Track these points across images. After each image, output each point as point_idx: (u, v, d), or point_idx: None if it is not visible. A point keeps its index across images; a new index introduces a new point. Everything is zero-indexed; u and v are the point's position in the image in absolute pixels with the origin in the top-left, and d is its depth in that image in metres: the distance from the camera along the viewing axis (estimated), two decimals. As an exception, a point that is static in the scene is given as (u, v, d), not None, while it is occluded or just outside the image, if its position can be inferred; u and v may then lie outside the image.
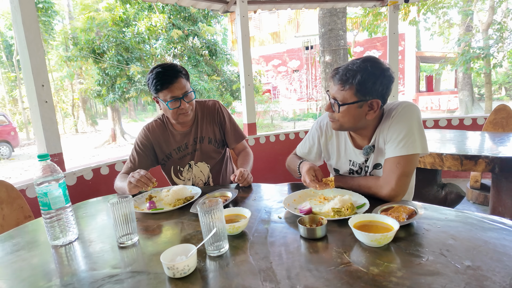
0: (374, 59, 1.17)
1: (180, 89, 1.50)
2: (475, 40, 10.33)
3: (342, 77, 1.16)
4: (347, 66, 1.17)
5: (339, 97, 1.19)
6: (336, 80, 1.19)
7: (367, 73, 1.13)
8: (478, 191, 3.35)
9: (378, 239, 0.84)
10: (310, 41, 17.46)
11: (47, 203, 1.04)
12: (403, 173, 1.18)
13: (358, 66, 1.14)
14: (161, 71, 1.48)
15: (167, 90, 1.48)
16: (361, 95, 1.16)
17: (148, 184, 1.33)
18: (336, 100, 1.21)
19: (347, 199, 1.10)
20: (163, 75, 1.47)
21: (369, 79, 1.13)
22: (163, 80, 1.47)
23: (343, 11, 5.82)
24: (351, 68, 1.15)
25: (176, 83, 1.49)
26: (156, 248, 0.98)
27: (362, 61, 1.15)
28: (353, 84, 1.14)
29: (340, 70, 1.18)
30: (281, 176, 3.88)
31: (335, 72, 1.20)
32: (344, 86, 1.16)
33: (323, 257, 0.84)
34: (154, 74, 1.48)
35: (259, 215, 1.17)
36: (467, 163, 2.12)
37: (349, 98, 1.17)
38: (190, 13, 9.43)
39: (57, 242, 1.07)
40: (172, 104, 1.50)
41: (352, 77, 1.14)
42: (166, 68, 1.50)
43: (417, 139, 1.19)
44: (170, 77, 1.48)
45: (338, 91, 1.19)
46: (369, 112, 1.22)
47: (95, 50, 9.28)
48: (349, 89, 1.16)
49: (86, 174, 2.60)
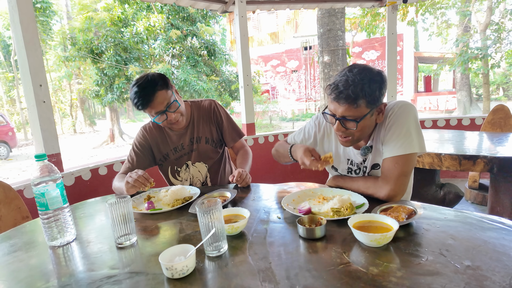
0: (366, 67, 1.15)
1: (161, 103, 1.48)
2: (473, 40, 10.36)
3: (350, 95, 1.10)
4: (348, 82, 1.11)
5: (353, 114, 1.14)
6: (342, 100, 1.12)
7: (372, 82, 1.11)
8: (476, 191, 3.35)
9: (378, 239, 0.84)
10: (308, 41, 17.48)
11: (45, 204, 1.03)
12: (401, 173, 1.17)
13: (360, 78, 1.10)
14: (137, 91, 1.45)
15: (148, 109, 1.49)
16: (372, 104, 1.14)
17: (145, 184, 1.32)
18: (348, 119, 1.16)
19: (346, 199, 1.10)
20: (139, 95, 1.45)
21: (375, 87, 1.12)
22: (142, 100, 1.45)
23: (341, 11, 5.83)
24: (354, 83, 1.10)
25: (156, 100, 1.46)
26: (155, 249, 0.98)
27: (359, 72, 1.12)
28: (364, 97, 1.11)
29: (343, 89, 1.11)
30: (280, 177, 3.88)
31: (338, 92, 1.12)
32: (356, 102, 1.11)
33: (322, 257, 0.84)
34: (133, 93, 1.47)
35: (258, 215, 1.16)
36: (466, 163, 2.12)
37: (363, 111, 1.14)
38: (189, 13, 9.42)
39: (55, 242, 1.06)
40: (158, 119, 1.52)
41: (360, 91, 1.10)
42: (142, 86, 1.46)
43: (415, 138, 1.19)
44: (147, 95, 1.45)
45: (349, 109, 1.13)
46: (378, 116, 1.21)
47: (94, 50, 9.26)
48: (362, 103, 1.12)
49: (84, 174, 2.59)
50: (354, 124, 1.16)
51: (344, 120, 1.17)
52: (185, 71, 9.33)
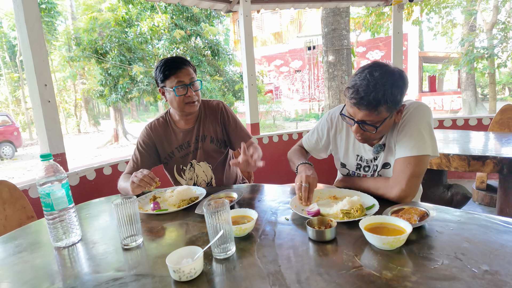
0: (388, 70, 1.10)
1: (188, 75, 1.51)
2: (479, 40, 10.25)
3: (371, 102, 1.07)
4: (369, 87, 1.07)
5: (374, 119, 1.12)
6: (363, 106, 1.09)
7: (394, 87, 1.08)
8: (484, 192, 3.30)
9: (391, 242, 0.81)
10: (312, 41, 17.42)
11: (50, 204, 1.02)
12: (413, 174, 1.15)
13: (382, 83, 1.06)
14: (169, 59, 1.53)
15: (174, 76, 1.49)
16: (393, 108, 1.12)
17: (151, 184, 1.31)
18: (368, 123, 1.14)
19: (356, 200, 1.07)
20: (171, 61, 1.51)
21: (396, 92, 1.09)
22: (171, 66, 1.50)
23: (346, 10, 5.79)
24: (376, 88, 1.06)
25: (184, 69, 1.51)
26: (161, 250, 0.96)
27: (381, 76, 1.07)
28: (386, 103, 1.08)
29: (363, 94, 1.07)
30: (284, 177, 3.86)
31: (359, 98, 1.09)
32: (377, 109, 1.09)
33: (333, 261, 0.81)
34: (163, 62, 1.52)
35: (265, 217, 1.14)
36: (475, 164, 2.09)
37: (383, 116, 1.12)
38: (193, 13, 9.41)
39: (60, 243, 1.05)
40: (179, 90, 1.50)
41: (382, 97, 1.07)
42: (174, 57, 1.55)
43: (428, 140, 1.17)
44: (177, 63, 1.51)
45: (369, 115, 1.11)
46: (397, 115, 1.19)
47: (98, 50, 9.29)
48: (383, 109, 1.09)
49: (89, 174, 2.59)
50: (373, 128, 1.15)
51: (363, 123, 1.15)
52: (189, 71, 9.33)
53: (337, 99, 6.04)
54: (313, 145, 1.55)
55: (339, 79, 5.95)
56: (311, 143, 1.56)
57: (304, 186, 1.18)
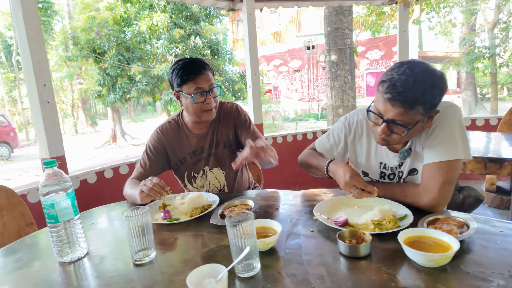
0: (429, 68, 1.01)
1: (207, 81, 1.42)
2: (480, 39, 10.21)
3: (408, 100, 0.98)
4: (408, 83, 0.98)
5: (405, 120, 1.02)
6: (398, 103, 1.00)
7: (434, 88, 0.99)
8: (494, 194, 3.24)
9: (437, 259, 0.73)
10: (311, 41, 17.35)
11: (54, 216, 0.93)
12: (445, 180, 1.07)
13: (422, 81, 0.97)
14: (188, 62, 1.42)
15: (193, 82, 1.40)
16: (429, 110, 1.03)
17: (161, 193, 1.21)
18: (398, 123, 1.04)
19: (387, 210, 0.99)
20: (190, 65, 1.41)
21: (436, 93, 1.00)
22: (190, 71, 1.40)
23: (349, 9, 5.73)
24: (416, 86, 0.97)
25: (203, 75, 1.41)
26: (177, 268, 0.87)
27: (422, 73, 0.98)
28: (424, 104, 0.99)
29: (401, 90, 0.98)
30: (288, 179, 3.77)
31: (396, 93, 0.99)
32: (413, 108, 0.99)
33: (373, 281, 0.73)
34: (180, 65, 1.42)
35: (286, 227, 1.06)
36: (491, 166, 2.02)
37: (417, 118, 1.02)
38: (192, 12, 9.30)
39: (65, 258, 0.96)
40: (197, 97, 1.41)
41: (421, 96, 0.97)
42: (193, 60, 1.44)
43: (460, 143, 1.08)
44: (197, 68, 1.41)
45: (403, 114, 1.00)
46: (427, 121, 1.09)
47: (96, 49, 9.16)
48: (419, 110, 1.00)
49: (90, 177, 2.50)
50: (404, 130, 1.04)
51: (392, 124, 1.05)
52: (188, 71, 9.22)
53: (339, 99, 5.97)
54: (328, 150, 1.42)
55: (342, 79, 5.88)
56: (325, 147, 1.43)
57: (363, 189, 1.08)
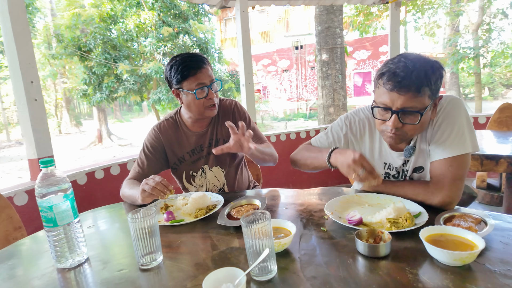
0: (422, 55, 1.03)
1: (208, 76, 1.38)
2: (464, 40, 10.47)
3: (414, 82, 0.96)
4: (408, 67, 0.97)
5: (416, 105, 0.99)
6: (404, 88, 0.97)
7: (434, 69, 0.98)
8: (484, 191, 3.30)
9: (464, 258, 0.71)
10: (299, 41, 17.42)
11: (53, 219, 0.86)
12: (456, 176, 1.05)
13: (421, 64, 0.97)
14: (187, 57, 1.37)
15: (194, 77, 1.35)
16: (434, 96, 1.01)
17: (165, 193, 1.16)
18: (410, 110, 1.00)
19: (402, 208, 0.96)
20: (190, 61, 1.35)
21: (437, 75, 0.99)
22: (190, 66, 1.35)
23: (340, 9, 5.75)
24: (416, 68, 0.96)
25: (204, 69, 1.37)
26: (188, 272, 0.82)
27: (417, 58, 0.99)
28: (429, 85, 0.98)
29: (404, 74, 0.97)
30: (282, 179, 3.75)
31: (400, 79, 0.97)
32: (420, 90, 0.97)
33: (400, 282, 0.70)
34: (179, 60, 1.36)
35: (297, 227, 1.02)
36: (488, 163, 2.04)
37: (426, 102, 1.00)
38: (181, 11, 9.18)
39: (65, 264, 0.89)
40: (199, 93, 1.36)
41: (425, 77, 0.96)
42: (191, 54, 1.39)
43: (468, 137, 1.07)
44: (197, 62, 1.36)
45: (411, 99, 0.98)
46: (433, 111, 1.08)
47: (81, 47, 8.91)
48: (426, 91, 0.98)
49: (80, 178, 2.40)
50: (417, 116, 1.00)
51: (403, 113, 1.01)
52: (177, 70, 9.09)
53: (330, 98, 5.98)
54: (326, 148, 1.34)
55: (333, 78, 5.90)
56: (323, 145, 1.38)
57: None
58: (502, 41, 9.85)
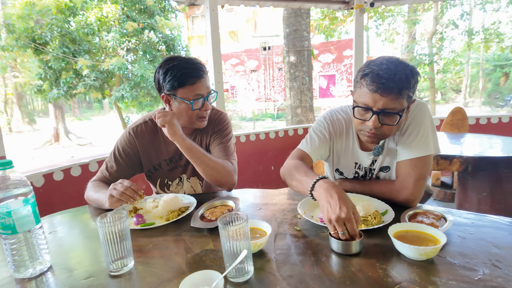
0: (401, 59, 1.07)
1: (206, 88, 1.31)
2: (420, 47, 11.20)
3: (396, 85, 1.00)
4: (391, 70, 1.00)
5: (396, 107, 1.03)
6: (386, 90, 1.01)
7: (413, 73, 1.03)
8: (438, 188, 3.55)
9: (428, 252, 0.76)
10: (267, 42, 17.59)
11: (11, 225, 0.79)
12: (420, 176, 1.12)
13: (402, 67, 1.02)
14: (186, 62, 1.27)
15: (192, 86, 1.26)
16: (411, 96, 1.06)
17: (134, 198, 1.11)
18: (389, 112, 1.04)
19: (370, 206, 1.01)
20: (189, 67, 1.26)
21: (416, 80, 1.05)
22: (190, 74, 1.26)
23: (307, 12, 5.89)
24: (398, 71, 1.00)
25: (203, 79, 1.29)
26: (161, 277, 0.79)
27: (399, 62, 1.03)
28: (409, 89, 1.02)
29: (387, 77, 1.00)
30: (252, 178, 3.76)
31: (383, 81, 1.00)
32: (401, 93, 1.01)
33: (370, 277, 0.73)
34: (177, 65, 1.26)
35: (272, 227, 1.03)
36: (443, 163, 2.20)
37: (404, 104, 1.05)
38: (146, 6, 8.86)
39: (24, 274, 0.82)
40: (196, 104, 1.29)
41: (405, 81, 1.01)
42: (191, 60, 1.29)
43: (431, 139, 1.15)
44: (197, 70, 1.27)
45: (392, 101, 1.02)
46: (407, 112, 1.13)
47: (36, 39, 8.29)
48: (405, 94, 1.03)
49: (36, 180, 2.24)
50: (396, 117, 1.05)
51: (383, 114, 1.05)
52: (142, 66, 8.76)
53: (298, 99, 6.11)
54: (317, 148, 1.29)
55: (300, 80, 6.03)
56: (314, 147, 1.29)
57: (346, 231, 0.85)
58: (453, 50, 10.72)
